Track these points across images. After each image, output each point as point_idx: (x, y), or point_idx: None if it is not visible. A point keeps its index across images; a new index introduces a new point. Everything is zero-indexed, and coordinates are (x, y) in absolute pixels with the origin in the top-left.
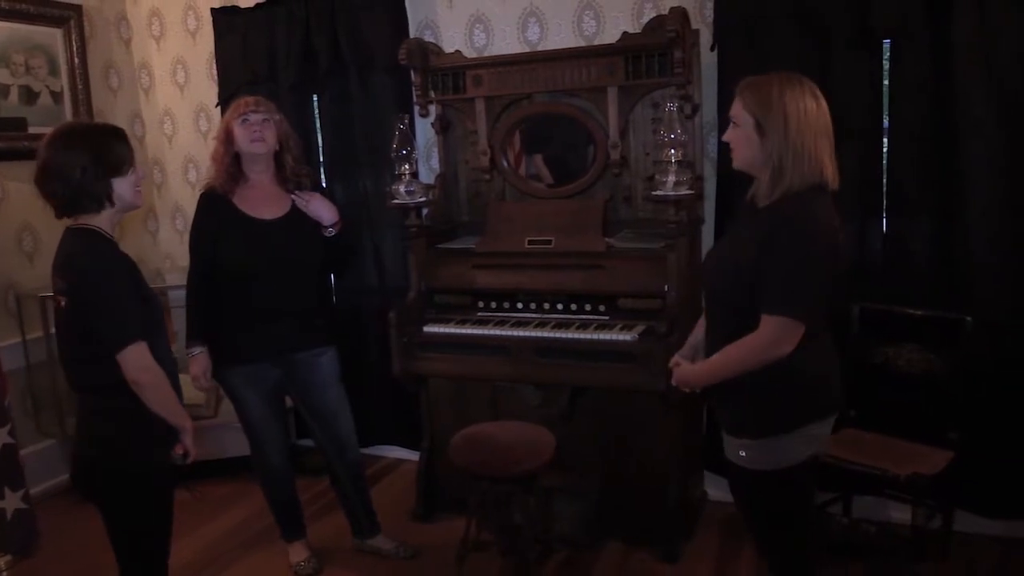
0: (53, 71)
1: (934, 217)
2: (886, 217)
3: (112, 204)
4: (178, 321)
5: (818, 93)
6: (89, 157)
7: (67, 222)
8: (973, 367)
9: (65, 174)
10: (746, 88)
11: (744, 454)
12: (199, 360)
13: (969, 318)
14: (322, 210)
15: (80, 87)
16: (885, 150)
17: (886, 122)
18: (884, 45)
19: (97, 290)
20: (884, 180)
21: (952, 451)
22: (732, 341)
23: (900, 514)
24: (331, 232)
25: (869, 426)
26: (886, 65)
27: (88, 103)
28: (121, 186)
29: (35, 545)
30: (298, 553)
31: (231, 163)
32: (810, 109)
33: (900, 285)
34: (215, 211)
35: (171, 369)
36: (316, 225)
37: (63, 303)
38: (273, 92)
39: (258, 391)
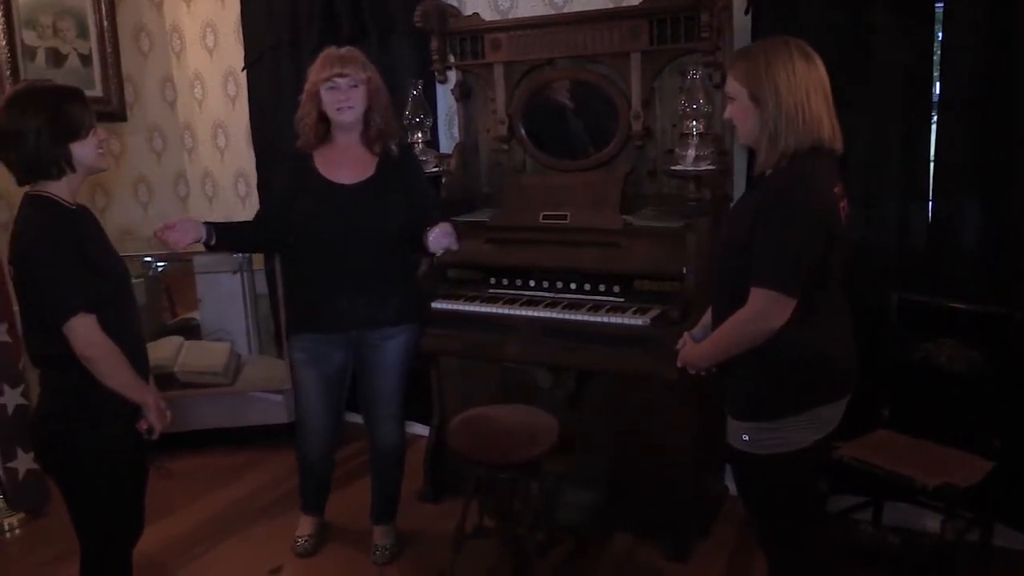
0: (82, 33)
1: (987, 201)
2: (933, 200)
3: (72, 169)
4: (202, 287)
5: (809, 51)
6: (43, 121)
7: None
8: (1021, 368)
9: (19, 139)
10: (736, 61)
11: (747, 438)
12: (189, 224)
13: (1020, 313)
14: (440, 242)
15: (109, 50)
16: (934, 126)
17: (935, 95)
18: (936, 9)
19: (38, 260)
20: (932, 159)
21: (993, 460)
22: None
23: (936, 524)
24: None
25: (903, 428)
26: (938, 30)
27: (117, 66)
28: (80, 150)
29: (46, 505)
30: (304, 528)
31: (317, 123)
32: (799, 69)
33: (945, 275)
34: (297, 172)
35: (134, 342)
36: (400, 193)
37: (13, 273)
38: (295, 56)
39: (317, 374)
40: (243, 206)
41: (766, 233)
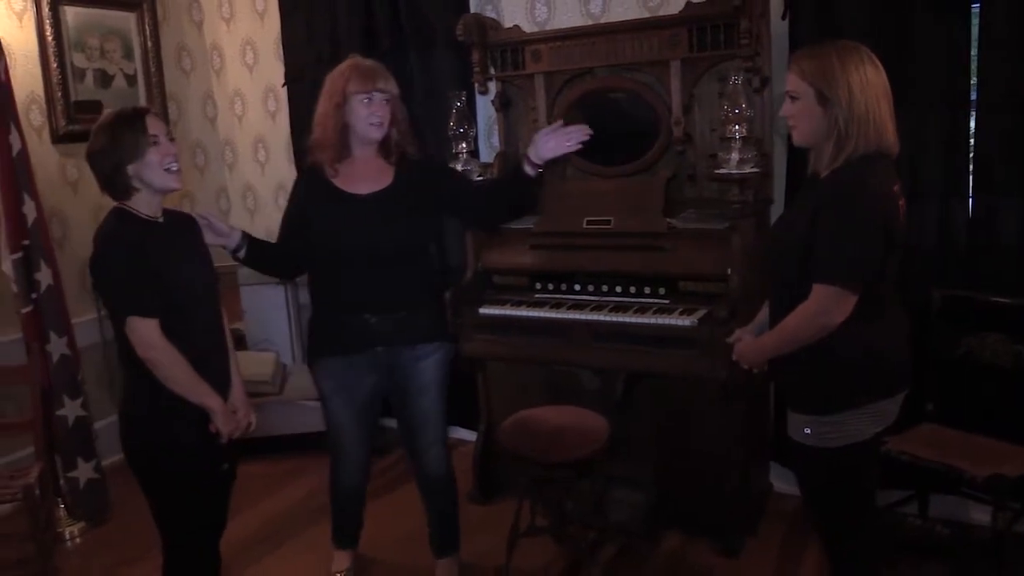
0: (127, 54)
1: None
2: (973, 196)
3: (136, 189)
4: (246, 298)
5: (874, 58)
6: (102, 145)
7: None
8: None
9: (92, 161)
10: (803, 59)
11: (809, 431)
12: (223, 227)
13: None
14: (548, 145)
15: (153, 70)
16: (972, 122)
17: (973, 92)
18: (972, 8)
19: (102, 264)
20: (971, 155)
21: None
22: None
23: (983, 515)
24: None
25: (949, 422)
26: (974, 29)
27: (161, 85)
28: (140, 170)
29: (107, 514)
30: (341, 562)
31: (338, 133)
32: (870, 74)
33: (986, 270)
34: (311, 188)
35: (206, 349)
36: (426, 200)
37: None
38: None
39: (346, 402)
40: None
41: (828, 231)
